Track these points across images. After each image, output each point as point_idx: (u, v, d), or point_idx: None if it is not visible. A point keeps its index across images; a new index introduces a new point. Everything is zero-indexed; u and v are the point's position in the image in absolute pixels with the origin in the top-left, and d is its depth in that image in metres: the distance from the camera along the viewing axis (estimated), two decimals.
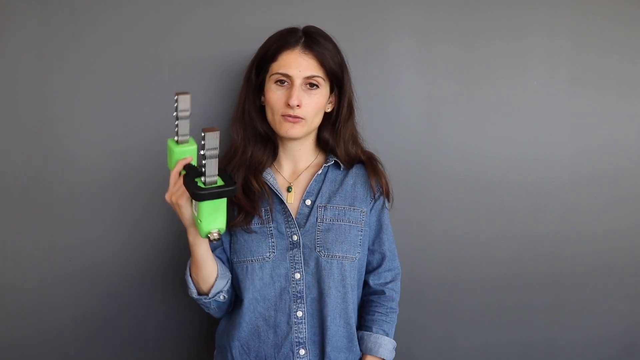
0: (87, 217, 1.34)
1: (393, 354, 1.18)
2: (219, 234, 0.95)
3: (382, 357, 1.15)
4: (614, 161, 1.51)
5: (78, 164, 1.33)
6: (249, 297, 1.09)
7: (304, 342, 1.10)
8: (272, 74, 1.08)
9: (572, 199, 1.50)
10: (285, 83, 1.07)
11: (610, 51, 1.48)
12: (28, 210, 1.33)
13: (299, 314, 1.10)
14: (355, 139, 1.18)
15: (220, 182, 0.91)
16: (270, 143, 1.14)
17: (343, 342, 1.12)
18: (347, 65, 1.14)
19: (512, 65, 1.45)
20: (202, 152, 0.88)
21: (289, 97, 1.05)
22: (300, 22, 1.14)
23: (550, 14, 1.45)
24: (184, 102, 0.91)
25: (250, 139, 1.13)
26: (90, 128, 1.33)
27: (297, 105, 1.05)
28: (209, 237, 0.95)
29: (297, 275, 1.09)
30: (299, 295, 1.10)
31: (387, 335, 1.17)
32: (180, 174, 0.95)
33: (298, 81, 1.05)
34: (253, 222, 1.10)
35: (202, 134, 0.87)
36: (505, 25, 1.44)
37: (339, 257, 1.10)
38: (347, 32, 1.38)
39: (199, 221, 0.94)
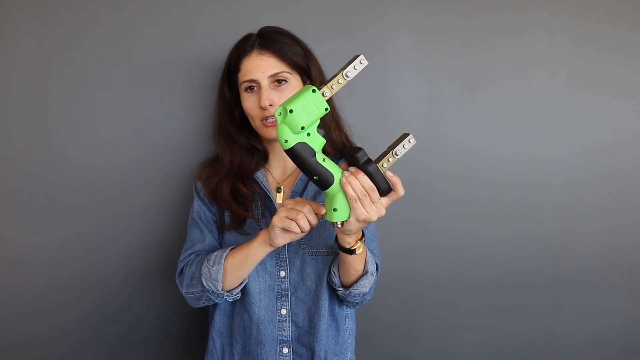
0: (87, 220, 1.34)
1: (373, 277, 1.08)
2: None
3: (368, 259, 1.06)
4: (614, 161, 1.51)
5: (78, 166, 1.33)
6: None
7: (287, 340, 1.11)
8: (241, 84, 1.10)
9: (572, 199, 1.50)
10: (255, 88, 1.08)
11: (610, 51, 1.48)
12: (28, 213, 1.33)
13: (283, 311, 1.11)
14: (337, 123, 1.17)
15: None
16: (256, 150, 1.15)
17: (332, 342, 1.13)
18: (313, 53, 1.14)
19: (512, 65, 1.45)
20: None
21: (260, 99, 1.06)
22: (300, 22, 1.15)
23: (550, 14, 1.45)
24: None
25: (235, 151, 1.15)
26: (90, 130, 1.33)
27: (270, 105, 1.06)
28: (335, 224, 0.93)
29: (282, 273, 1.10)
30: (283, 293, 1.11)
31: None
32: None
33: (264, 82, 1.07)
34: (246, 223, 1.12)
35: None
36: (505, 25, 1.44)
37: (324, 253, 1.10)
38: (347, 32, 1.38)
39: (332, 209, 0.91)
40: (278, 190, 1.14)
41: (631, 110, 1.51)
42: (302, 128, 0.85)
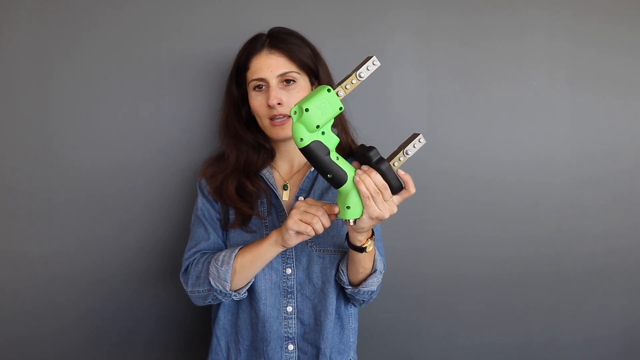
0: (87, 219, 1.34)
1: (381, 275, 1.10)
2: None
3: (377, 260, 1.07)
4: (614, 161, 1.51)
5: (78, 165, 1.33)
6: None
7: (293, 337, 1.11)
8: (250, 82, 1.10)
9: (572, 199, 1.51)
10: (263, 87, 1.09)
11: (610, 51, 1.48)
12: (28, 213, 1.33)
13: (289, 309, 1.11)
14: (344, 126, 1.18)
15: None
16: (262, 148, 1.15)
17: (336, 341, 1.13)
18: (321, 55, 1.15)
19: (512, 65, 1.45)
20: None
21: (268, 98, 1.07)
22: (301, 22, 1.15)
23: (550, 14, 1.45)
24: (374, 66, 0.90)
25: (242, 148, 1.15)
26: (90, 129, 1.33)
27: (278, 104, 1.06)
28: (347, 221, 0.93)
29: (289, 271, 1.11)
30: (289, 290, 1.11)
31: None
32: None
33: (273, 81, 1.07)
34: (251, 220, 1.12)
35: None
36: (505, 25, 1.44)
37: (331, 252, 1.10)
38: (347, 32, 1.38)
39: (346, 207, 0.91)
40: (284, 187, 1.14)
41: (631, 110, 1.51)
42: (317, 127, 0.87)
